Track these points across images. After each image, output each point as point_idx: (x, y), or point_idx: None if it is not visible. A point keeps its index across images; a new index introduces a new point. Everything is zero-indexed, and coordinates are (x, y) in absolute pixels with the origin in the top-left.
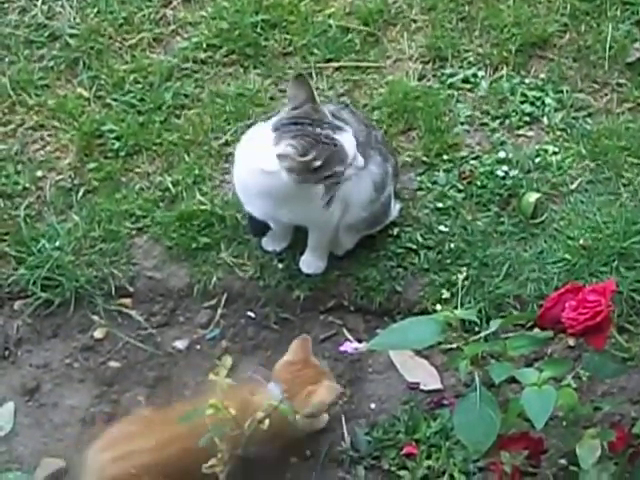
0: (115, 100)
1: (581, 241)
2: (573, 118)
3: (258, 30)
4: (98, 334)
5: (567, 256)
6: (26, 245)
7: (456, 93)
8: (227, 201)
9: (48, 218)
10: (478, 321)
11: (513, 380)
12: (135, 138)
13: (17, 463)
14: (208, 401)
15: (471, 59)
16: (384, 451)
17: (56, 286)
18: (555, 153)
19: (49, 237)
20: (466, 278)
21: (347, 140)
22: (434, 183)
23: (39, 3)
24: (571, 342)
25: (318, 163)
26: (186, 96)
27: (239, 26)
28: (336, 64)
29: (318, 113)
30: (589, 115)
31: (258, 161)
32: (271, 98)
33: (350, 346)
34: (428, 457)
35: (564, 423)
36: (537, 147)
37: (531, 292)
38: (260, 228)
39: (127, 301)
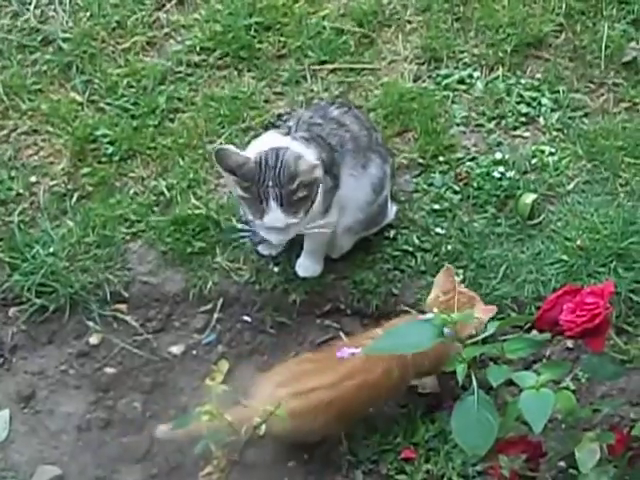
0: (109, 104)
1: (578, 242)
2: (569, 118)
3: (252, 32)
4: (93, 340)
5: (565, 257)
6: (20, 251)
7: (451, 94)
8: (222, 205)
9: (42, 224)
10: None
11: (511, 382)
12: (129, 142)
13: (13, 471)
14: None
15: (466, 60)
16: (382, 455)
17: (51, 292)
18: (552, 154)
19: (43, 243)
20: (463, 280)
21: (273, 216)
22: (430, 185)
23: (31, 7)
24: (569, 343)
25: (239, 191)
26: (180, 100)
27: (233, 29)
28: (331, 66)
29: (303, 184)
30: (585, 115)
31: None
32: (265, 101)
33: (347, 351)
34: (427, 461)
35: (563, 426)
36: (533, 148)
37: (529, 293)
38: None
39: (122, 307)
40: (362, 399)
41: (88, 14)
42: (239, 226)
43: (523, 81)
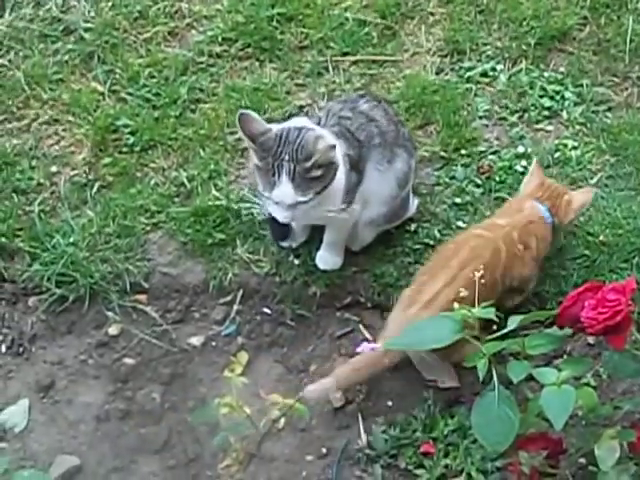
0: (130, 94)
1: (601, 237)
2: (593, 112)
3: (274, 23)
4: (113, 330)
5: (587, 252)
6: (40, 241)
7: (474, 87)
8: (243, 196)
9: (62, 214)
10: (496, 319)
11: (532, 377)
12: (150, 133)
13: (31, 460)
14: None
15: (489, 52)
16: (401, 449)
17: (71, 282)
18: (575, 148)
19: (63, 233)
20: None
21: (282, 191)
22: (452, 178)
23: None
24: (591, 339)
25: (255, 159)
26: (201, 90)
27: (255, 19)
28: (353, 58)
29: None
30: (609, 109)
31: None
32: (287, 92)
33: (367, 346)
34: (446, 455)
35: (583, 423)
36: (556, 142)
37: (550, 288)
38: (282, 232)
39: (142, 297)
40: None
41: (110, 4)
42: (260, 218)
43: (546, 74)
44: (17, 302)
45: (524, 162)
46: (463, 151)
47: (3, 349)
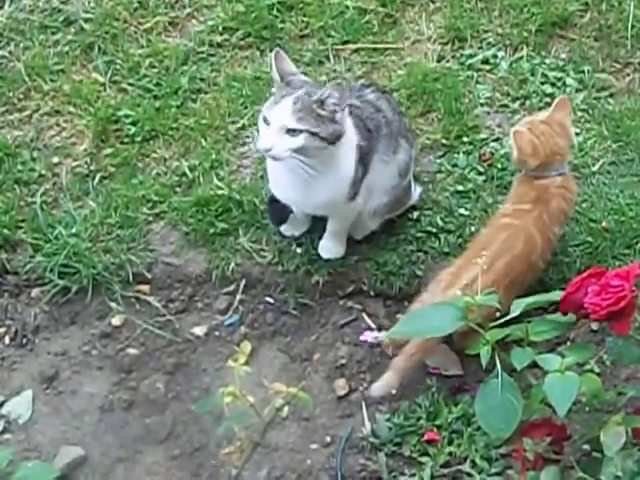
0: (131, 85)
1: (604, 223)
2: (595, 99)
3: (274, 12)
4: (116, 321)
5: (589, 239)
6: (43, 232)
7: (476, 74)
8: (245, 186)
9: (64, 205)
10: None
11: (535, 364)
12: (151, 123)
13: (36, 451)
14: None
15: (491, 39)
16: (405, 437)
17: (73, 273)
18: (577, 134)
19: (66, 224)
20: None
21: (281, 108)
22: (454, 166)
23: None
24: (594, 326)
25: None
26: (202, 80)
27: (255, 8)
28: (354, 46)
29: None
30: (611, 95)
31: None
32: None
33: (370, 335)
34: (450, 443)
35: (587, 409)
36: None
37: (553, 275)
38: (280, 216)
39: (145, 287)
40: (518, 270)
41: None
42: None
43: (548, 61)
44: (20, 293)
45: None
46: (465, 139)
47: (7, 340)
